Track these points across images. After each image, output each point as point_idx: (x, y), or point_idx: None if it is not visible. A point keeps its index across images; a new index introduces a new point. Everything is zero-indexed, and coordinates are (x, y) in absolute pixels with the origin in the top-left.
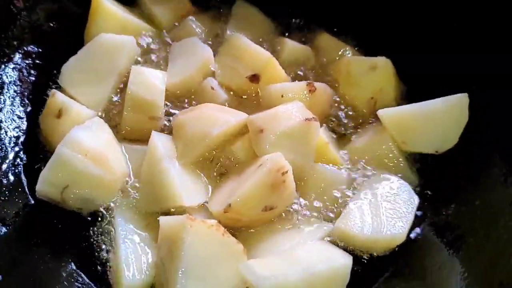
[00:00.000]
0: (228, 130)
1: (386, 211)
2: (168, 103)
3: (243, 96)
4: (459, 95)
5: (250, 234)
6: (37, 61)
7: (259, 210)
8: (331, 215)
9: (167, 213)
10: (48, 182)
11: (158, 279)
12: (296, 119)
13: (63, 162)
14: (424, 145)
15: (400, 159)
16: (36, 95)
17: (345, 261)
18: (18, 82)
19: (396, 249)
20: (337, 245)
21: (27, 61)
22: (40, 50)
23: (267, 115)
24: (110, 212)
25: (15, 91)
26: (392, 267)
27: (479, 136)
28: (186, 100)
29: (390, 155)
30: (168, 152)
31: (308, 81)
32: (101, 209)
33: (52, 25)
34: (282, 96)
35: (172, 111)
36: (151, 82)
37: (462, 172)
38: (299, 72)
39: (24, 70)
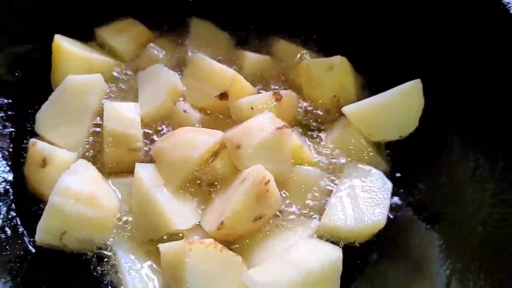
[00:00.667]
0: (208, 150)
1: (365, 200)
2: (146, 131)
3: (216, 113)
4: (412, 81)
5: (245, 244)
6: (9, 113)
7: (250, 222)
8: (316, 212)
9: (163, 239)
10: (46, 231)
11: None
12: (268, 130)
13: (57, 210)
14: (388, 133)
15: (369, 149)
16: (15, 146)
17: (336, 254)
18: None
19: (380, 233)
20: (326, 240)
21: (2, 113)
22: (10, 101)
23: (241, 130)
24: (110, 247)
25: (4, 146)
26: (378, 251)
27: (436, 117)
28: (162, 125)
29: (360, 146)
30: (154, 181)
31: (274, 90)
32: (101, 246)
33: (16, 74)
34: (252, 108)
35: (151, 137)
36: (126, 116)
37: (426, 152)
38: (263, 82)
39: (4, 123)
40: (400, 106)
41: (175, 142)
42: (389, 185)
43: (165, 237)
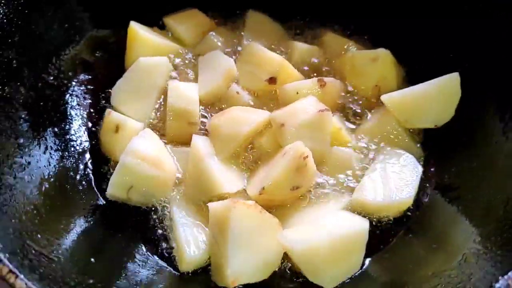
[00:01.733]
0: (255, 127)
1: (395, 180)
2: (202, 109)
3: (265, 96)
4: (451, 75)
5: (282, 210)
6: (89, 87)
7: (287, 190)
8: (349, 189)
9: (213, 200)
10: (116, 186)
11: (213, 253)
12: (311, 112)
13: (127, 168)
14: (424, 121)
15: (405, 135)
16: (93, 115)
17: (362, 224)
18: (77, 106)
19: (408, 213)
20: (356, 213)
21: (81, 88)
22: (90, 77)
23: (286, 111)
24: (167, 204)
25: (76, 114)
26: (405, 227)
27: (472, 108)
28: (216, 105)
29: (395, 132)
30: (207, 150)
31: (319, 77)
32: (160, 202)
33: (96, 54)
34: (297, 93)
35: (207, 115)
36: (186, 94)
37: (460, 140)
38: (310, 69)
39: (80, 96)
40: (437, 97)
41: (227, 119)
42: (419, 168)
43: (214, 199)
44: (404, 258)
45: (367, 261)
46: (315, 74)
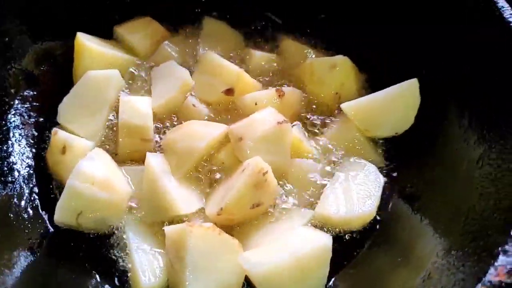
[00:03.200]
0: (212, 141)
1: (357, 192)
2: (157, 124)
3: (223, 108)
4: (410, 80)
5: (242, 230)
6: (34, 104)
7: (247, 209)
8: (311, 202)
9: (170, 221)
10: (64, 211)
11: (171, 279)
12: (269, 124)
13: (75, 192)
14: (384, 130)
15: (366, 145)
16: (39, 135)
17: (325, 241)
18: (21, 126)
19: (370, 224)
20: (319, 228)
21: (25, 105)
22: (35, 93)
23: (244, 123)
24: (121, 228)
25: (20, 134)
26: (369, 241)
27: (432, 115)
28: (172, 118)
29: (356, 141)
30: (162, 169)
31: (277, 87)
32: (113, 227)
33: (42, 68)
34: (255, 104)
35: (162, 129)
36: (139, 109)
37: (421, 148)
38: (268, 78)
39: (25, 114)
40: (396, 104)
41: (183, 134)
42: (381, 179)
43: (171, 221)
44: (369, 274)
45: (332, 279)
46: (276, 83)
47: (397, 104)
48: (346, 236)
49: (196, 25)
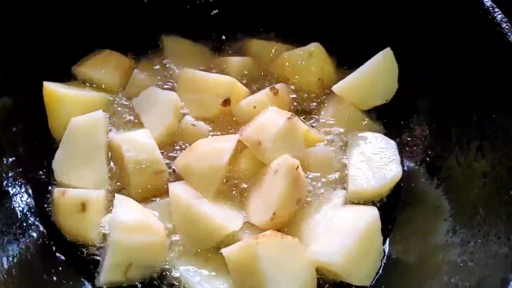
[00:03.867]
0: (232, 154)
1: (378, 160)
2: (162, 153)
3: (219, 120)
4: (384, 50)
5: (291, 228)
6: (18, 170)
7: (294, 206)
8: (339, 183)
9: (215, 246)
10: (112, 270)
11: None
12: (280, 122)
13: (120, 246)
14: (377, 99)
15: (364, 117)
16: (36, 201)
17: (373, 213)
18: (17, 193)
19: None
20: (356, 203)
21: (12, 173)
22: (14, 158)
23: (256, 127)
24: (169, 268)
25: (20, 204)
26: (400, 202)
27: (413, 76)
28: (174, 145)
29: (356, 117)
30: (192, 195)
31: (270, 86)
32: (162, 269)
33: (13, 130)
34: (254, 107)
35: (168, 158)
36: (143, 142)
37: (411, 108)
38: (249, 81)
39: (17, 181)
40: (380, 73)
41: (198, 155)
42: (392, 142)
43: (216, 245)
44: (415, 232)
45: (385, 247)
46: (257, 85)
47: (381, 73)
48: (377, 204)
49: (156, 47)
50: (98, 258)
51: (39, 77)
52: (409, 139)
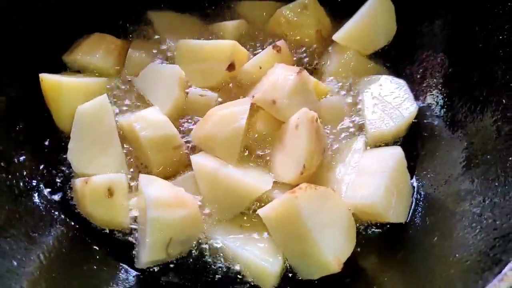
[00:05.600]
0: (248, 116)
1: (392, 101)
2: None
3: (225, 86)
4: None
5: (319, 179)
6: (23, 172)
7: (320, 157)
8: (357, 128)
9: (248, 209)
10: (154, 249)
11: (292, 254)
12: (291, 77)
13: (161, 223)
14: (379, 42)
15: (369, 61)
16: (56, 193)
17: (398, 151)
18: (36, 191)
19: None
20: (376, 146)
21: (25, 171)
22: (24, 157)
23: (267, 87)
24: (207, 238)
25: (41, 201)
26: (420, 140)
27: (411, 15)
28: (183, 118)
29: (361, 63)
30: (216, 163)
31: (272, 44)
32: (200, 242)
33: (17, 128)
34: (260, 68)
35: (182, 133)
36: (155, 119)
37: (413, 46)
38: (247, 43)
39: (32, 179)
40: (378, 15)
41: (215, 124)
42: (402, 82)
43: (248, 209)
44: (441, 166)
45: (413, 181)
46: (256, 46)
47: (379, 15)
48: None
49: (144, 24)
50: (132, 241)
51: (32, 72)
52: (417, 76)
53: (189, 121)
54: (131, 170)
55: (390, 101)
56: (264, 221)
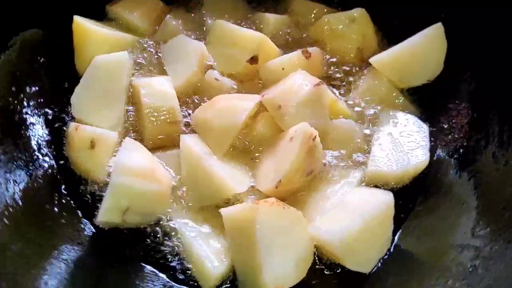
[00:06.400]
0: (250, 114)
1: (405, 144)
2: (180, 104)
3: (245, 78)
4: (434, 25)
5: (297, 200)
6: (40, 100)
7: (303, 177)
8: (359, 161)
9: (218, 204)
10: (110, 211)
11: (239, 262)
12: (306, 88)
13: (121, 188)
14: (417, 78)
15: (400, 96)
16: (52, 132)
17: (387, 198)
18: (32, 125)
19: (419, 175)
20: (373, 186)
21: (31, 104)
22: (37, 88)
23: (280, 90)
24: (166, 218)
25: (33, 135)
26: (423, 191)
27: (460, 58)
28: (195, 96)
29: (390, 94)
30: (202, 150)
31: (303, 49)
32: (160, 219)
33: (41, 61)
34: (282, 69)
35: (186, 109)
36: (161, 90)
37: (452, 92)
38: (285, 42)
39: (32, 113)
40: (425, 50)
41: (217, 110)
42: (425, 127)
43: (220, 204)
44: (431, 225)
45: (396, 235)
46: (296, 46)
47: (426, 50)
48: (397, 190)
49: None
50: (101, 196)
51: (71, 12)
52: (444, 125)
53: (199, 101)
54: (131, 132)
55: (404, 143)
56: (224, 221)
